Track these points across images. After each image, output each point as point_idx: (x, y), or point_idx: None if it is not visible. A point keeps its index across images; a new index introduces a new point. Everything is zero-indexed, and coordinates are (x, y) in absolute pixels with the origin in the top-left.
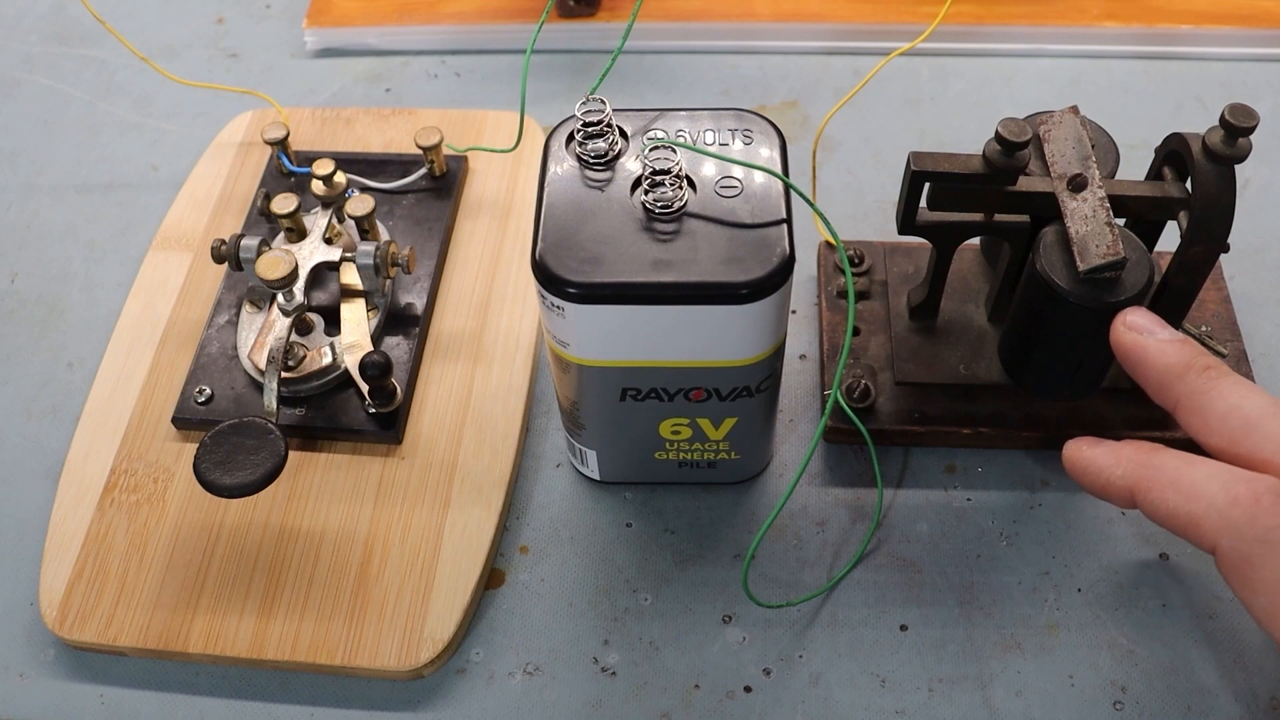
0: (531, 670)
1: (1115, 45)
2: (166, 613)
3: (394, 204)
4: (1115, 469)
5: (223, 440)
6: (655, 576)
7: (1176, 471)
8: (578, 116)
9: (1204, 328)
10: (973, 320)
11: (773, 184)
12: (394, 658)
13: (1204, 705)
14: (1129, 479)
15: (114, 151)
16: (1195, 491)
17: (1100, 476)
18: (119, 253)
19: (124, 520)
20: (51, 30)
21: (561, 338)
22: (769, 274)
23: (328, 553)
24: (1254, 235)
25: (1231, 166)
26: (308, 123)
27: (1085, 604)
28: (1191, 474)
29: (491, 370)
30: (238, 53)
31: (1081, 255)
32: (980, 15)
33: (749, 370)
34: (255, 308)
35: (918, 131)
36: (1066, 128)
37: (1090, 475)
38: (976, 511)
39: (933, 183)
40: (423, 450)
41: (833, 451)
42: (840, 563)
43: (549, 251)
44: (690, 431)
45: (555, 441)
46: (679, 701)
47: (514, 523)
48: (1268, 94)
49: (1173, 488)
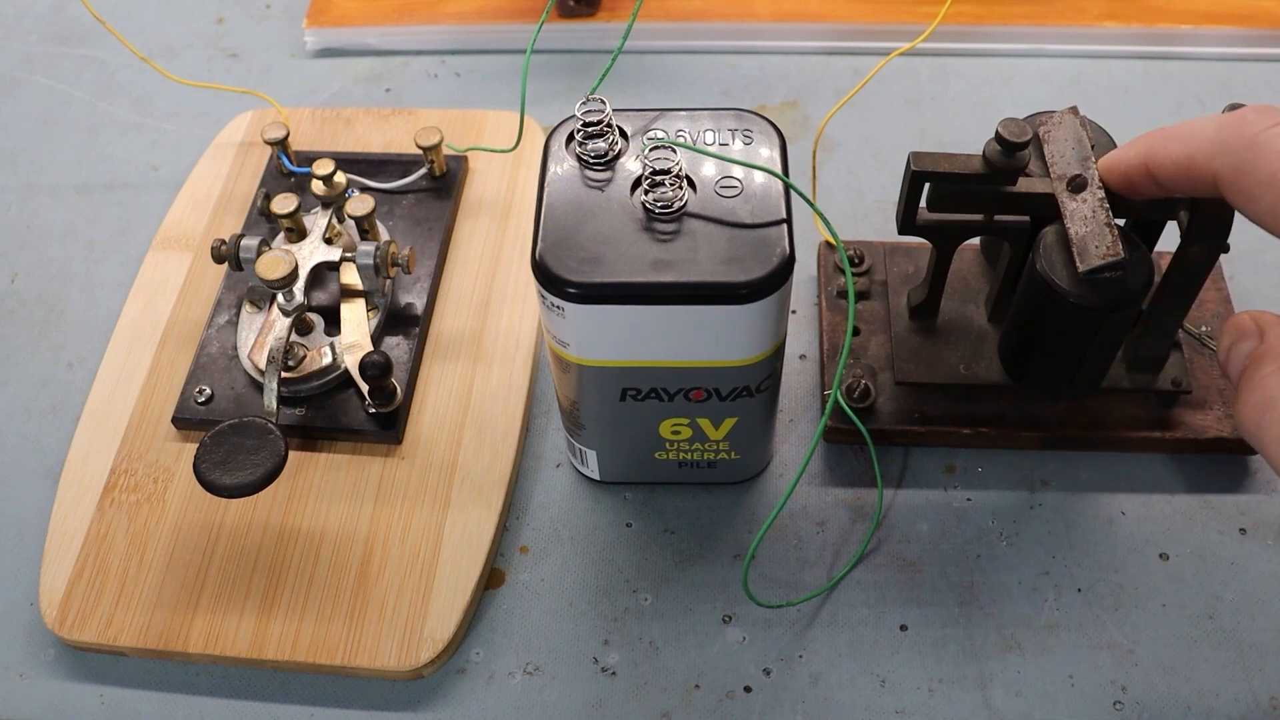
0: (531, 670)
1: (1115, 45)
2: (166, 613)
3: (394, 204)
4: (1128, 151)
5: (223, 440)
6: (655, 576)
7: (1177, 127)
8: (578, 116)
9: (1204, 328)
10: (973, 320)
11: (773, 184)
12: (394, 658)
13: (1204, 705)
14: (1140, 154)
15: (114, 151)
16: (1192, 133)
17: (1119, 164)
18: (119, 253)
19: (124, 520)
20: (51, 30)
21: (561, 338)
22: (769, 274)
23: (328, 553)
24: (1254, 235)
25: None
26: (308, 123)
27: (1085, 604)
28: (1191, 123)
29: (491, 370)
30: (238, 53)
31: (1081, 255)
32: (980, 15)
33: (749, 370)
34: (255, 308)
35: (918, 131)
36: (1066, 128)
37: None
38: (976, 511)
39: (933, 183)
40: (423, 450)
41: (833, 451)
42: (840, 563)
43: (549, 251)
44: (690, 431)
45: (555, 441)
46: (679, 701)
47: (514, 523)
48: (1268, 94)
49: (1177, 139)
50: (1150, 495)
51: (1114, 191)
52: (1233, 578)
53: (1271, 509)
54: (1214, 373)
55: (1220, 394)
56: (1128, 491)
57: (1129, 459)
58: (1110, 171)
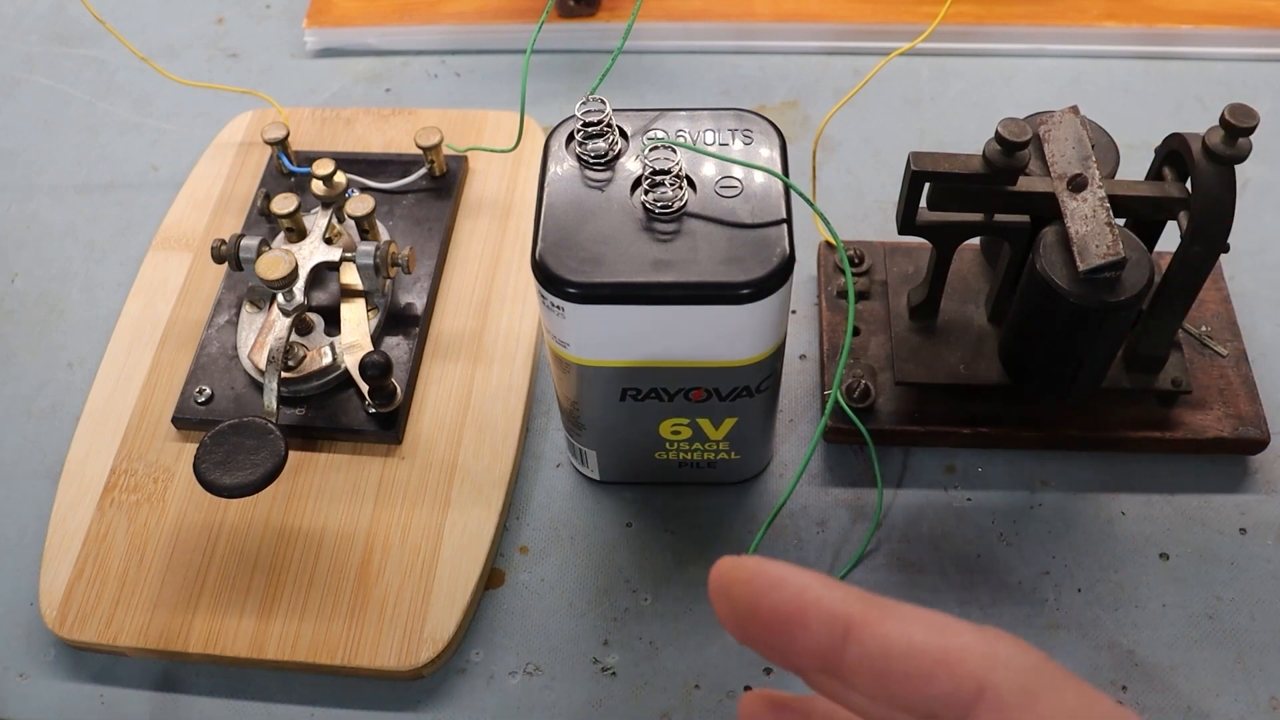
0: (531, 670)
1: (1115, 45)
2: (166, 613)
3: (394, 204)
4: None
5: (223, 440)
6: (655, 576)
7: (914, 608)
8: (578, 116)
9: (1204, 328)
10: (973, 320)
11: (773, 184)
12: (394, 658)
13: (1204, 705)
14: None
15: (114, 151)
16: (948, 626)
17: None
18: (119, 253)
19: (124, 520)
20: (51, 30)
21: (561, 338)
22: (769, 274)
23: (328, 553)
24: (1254, 235)
25: (1231, 166)
26: (308, 123)
27: (1085, 604)
28: (932, 612)
29: (491, 370)
30: (238, 53)
31: (1081, 255)
32: (980, 15)
33: (749, 370)
34: (255, 308)
35: (918, 131)
36: (1066, 128)
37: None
38: (976, 511)
39: (933, 183)
40: (423, 450)
41: (833, 451)
42: (840, 563)
43: (549, 251)
44: (690, 431)
45: (555, 441)
46: (679, 701)
47: (514, 523)
48: (1268, 94)
49: (919, 621)
50: (1150, 495)
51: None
52: (1233, 578)
53: (1271, 509)
54: (1214, 373)
55: (1220, 394)
56: (1128, 491)
57: (1129, 459)
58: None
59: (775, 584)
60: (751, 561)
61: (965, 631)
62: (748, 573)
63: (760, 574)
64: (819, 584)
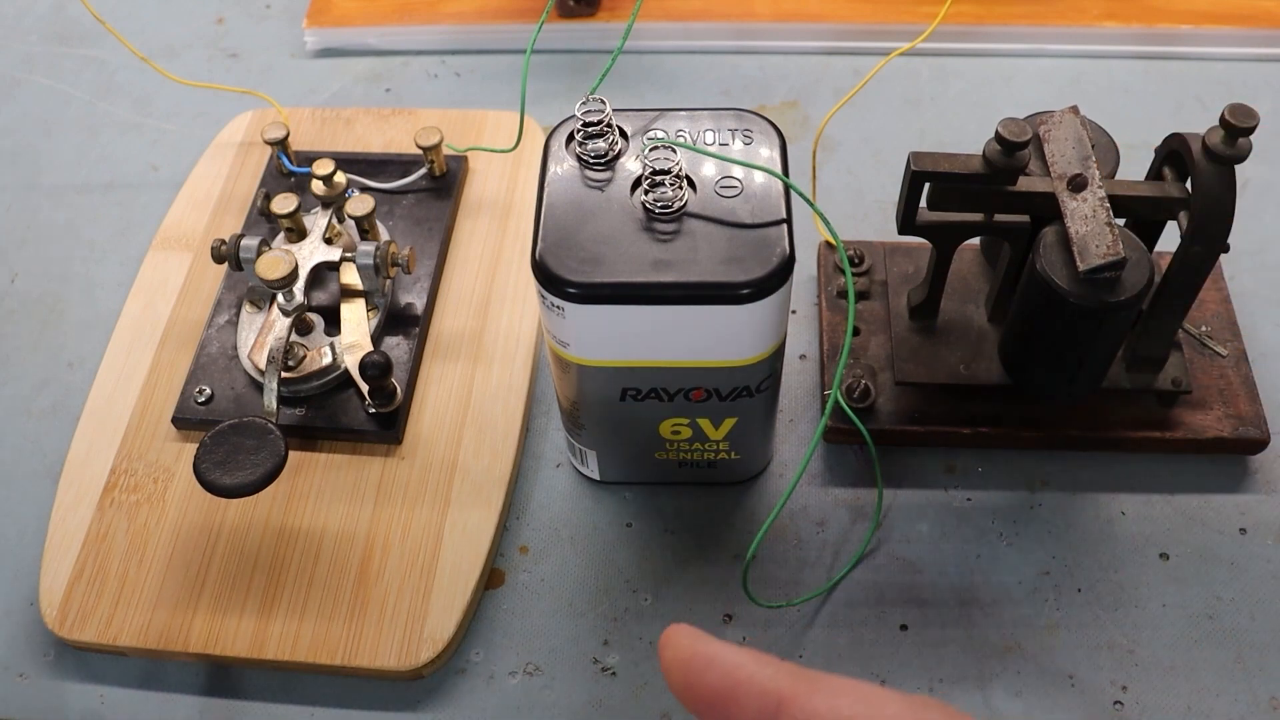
0: (531, 670)
1: (1115, 45)
2: (166, 612)
3: (394, 204)
4: (760, 669)
5: (223, 440)
6: (655, 576)
7: (844, 680)
8: (578, 116)
9: (1204, 328)
10: (973, 320)
11: (773, 184)
12: (394, 658)
13: (1204, 705)
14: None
15: (114, 151)
16: (875, 697)
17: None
18: (119, 253)
19: (124, 520)
20: (51, 30)
21: (561, 338)
22: (769, 274)
23: (328, 553)
24: (1254, 235)
25: (1231, 166)
26: (308, 123)
27: (1085, 604)
28: (861, 683)
29: (491, 370)
30: (238, 53)
31: (1081, 255)
32: (980, 15)
33: (749, 370)
34: (255, 308)
35: (918, 131)
36: (1066, 128)
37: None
38: (976, 511)
39: (933, 183)
40: (423, 450)
41: (833, 451)
42: (840, 563)
43: (549, 251)
44: (690, 431)
45: (555, 441)
46: (679, 702)
47: (514, 523)
48: (1268, 94)
49: (847, 694)
50: (1150, 495)
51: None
52: (1233, 578)
53: (1271, 509)
54: (1214, 373)
55: (1220, 394)
56: (1128, 491)
57: (1129, 459)
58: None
59: (708, 664)
60: (688, 639)
61: (893, 702)
62: (686, 651)
63: (695, 655)
64: (751, 662)
